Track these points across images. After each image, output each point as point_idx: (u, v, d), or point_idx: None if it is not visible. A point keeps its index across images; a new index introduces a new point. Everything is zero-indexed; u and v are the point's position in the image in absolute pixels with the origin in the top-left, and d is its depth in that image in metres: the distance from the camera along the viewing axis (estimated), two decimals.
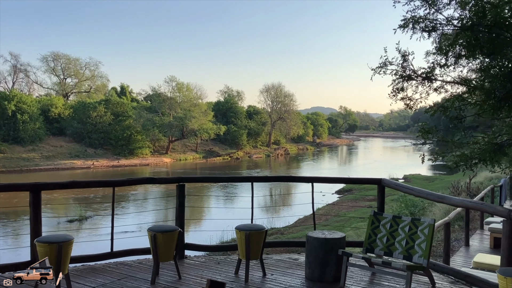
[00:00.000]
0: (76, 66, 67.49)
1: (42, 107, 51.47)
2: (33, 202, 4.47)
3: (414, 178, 40.13)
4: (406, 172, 43.61)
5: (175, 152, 57.36)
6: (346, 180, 6.30)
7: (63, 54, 66.70)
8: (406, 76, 7.35)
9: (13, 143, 45.30)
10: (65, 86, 67.27)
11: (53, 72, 66.94)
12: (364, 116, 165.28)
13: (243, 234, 4.35)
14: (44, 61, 65.74)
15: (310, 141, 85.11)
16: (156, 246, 4.23)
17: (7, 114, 45.66)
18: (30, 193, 4.47)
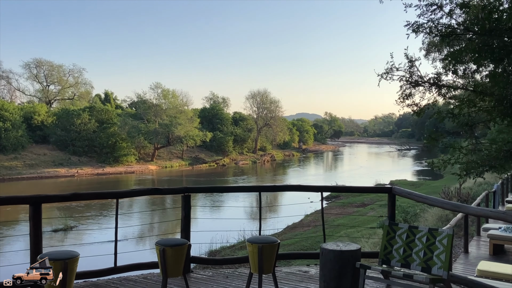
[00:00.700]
0: (60, 73, 66.50)
1: (24, 114, 50.53)
2: (33, 215, 4.25)
3: (400, 184, 40.33)
4: (392, 178, 43.88)
5: (160, 159, 56.86)
6: (356, 189, 6.21)
7: (46, 61, 65.73)
8: (414, 82, 7.29)
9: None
10: (48, 93, 66.21)
11: (36, 79, 65.85)
12: (349, 122, 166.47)
13: (256, 247, 4.20)
14: (26, 68, 64.66)
15: (296, 147, 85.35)
16: (165, 261, 4.04)
17: None
18: (30, 206, 4.25)
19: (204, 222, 22.03)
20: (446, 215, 15.55)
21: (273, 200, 31.06)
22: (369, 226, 20.67)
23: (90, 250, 4.30)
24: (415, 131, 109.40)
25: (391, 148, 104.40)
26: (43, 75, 65.78)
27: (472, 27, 6.13)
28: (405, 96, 7.79)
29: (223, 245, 17.70)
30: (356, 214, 25.18)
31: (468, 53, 6.50)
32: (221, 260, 5.18)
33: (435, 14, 6.58)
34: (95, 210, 25.33)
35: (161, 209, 26.62)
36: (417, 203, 20.40)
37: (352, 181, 41.29)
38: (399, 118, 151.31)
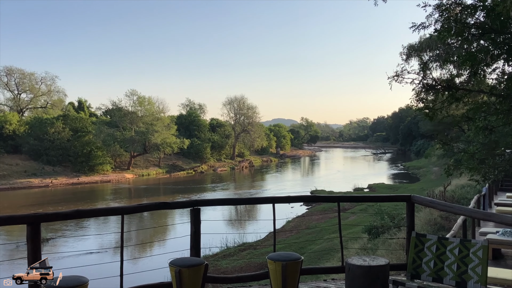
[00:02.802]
0: (31, 80, 64.65)
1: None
2: (31, 236, 3.84)
3: (378, 187, 40.68)
4: (370, 182, 44.20)
5: (137, 167, 55.90)
6: (372, 198, 5.95)
7: (17, 69, 63.79)
8: (427, 85, 7.15)
9: None
10: (19, 102, 64.24)
11: (7, 87, 63.80)
12: (325, 127, 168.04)
13: (279, 265, 3.90)
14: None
15: (273, 152, 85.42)
16: (181, 283, 3.70)
17: None
18: (28, 226, 3.85)
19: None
20: (434, 219, 15.53)
21: (251, 206, 30.71)
22: (352, 231, 20.68)
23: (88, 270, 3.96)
24: (390, 134, 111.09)
25: (367, 152, 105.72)
26: (14, 83, 63.86)
27: (496, 26, 6.02)
28: (418, 100, 7.65)
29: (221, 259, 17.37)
30: (337, 219, 25.05)
31: (488, 54, 6.41)
32: (236, 278, 4.86)
33: (451, 12, 6.45)
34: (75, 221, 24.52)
35: (162, 225, 25.95)
36: (403, 206, 20.48)
37: (330, 185, 41.39)
38: (374, 122, 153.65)
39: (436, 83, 7.16)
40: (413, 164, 62.83)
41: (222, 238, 19.89)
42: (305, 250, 17.97)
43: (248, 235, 21.51)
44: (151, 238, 22.49)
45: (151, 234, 23.39)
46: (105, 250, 19.41)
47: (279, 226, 23.32)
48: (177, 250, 5.46)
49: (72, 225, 24.20)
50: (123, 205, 4.27)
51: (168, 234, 23.11)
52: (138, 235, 22.75)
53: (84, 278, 3.44)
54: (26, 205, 32.78)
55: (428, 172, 50.48)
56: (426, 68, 7.24)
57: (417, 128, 69.83)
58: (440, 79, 7.44)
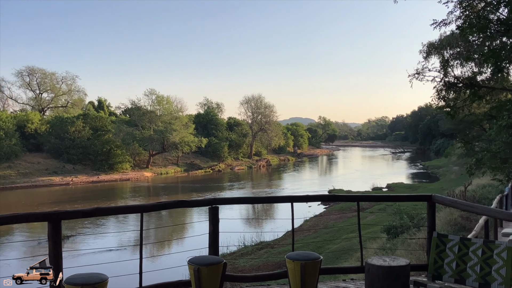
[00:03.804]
0: (52, 80, 65.79)
1: (17, 123, 49.93)
2: (52, 233, 3.89)
3: (397, 187, 40.26)
4: (388, 181, 43.74)
5: (156, 166, 56.41)
6: (393, 197, 5.84)
7: (38, 69, 65.00)
8: (448, 83, 7.02)
9: None
10: (41, 101, 65.45)
11: (29, 87, 65.09)
12: (343, 126, 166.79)
13: (298, 265, 3.87)
14: (19, 76, 63.88)
15: (291, 151, 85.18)
16: (200, 282, 3.70)
17: None
18: (49, 223, 3.90)
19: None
20: (454, 219, 15.27)
21: (269, 205, 30.68)
22: (371, 230, 20.46)
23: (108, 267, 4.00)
24: (409, 133, 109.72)
25: (385, 151, 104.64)
26: (36, 83, 65.09)
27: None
28: (440, 98, 7.52)
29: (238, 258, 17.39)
30: (356, 218, 24.81)
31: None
32: (254, 277, 4.84)
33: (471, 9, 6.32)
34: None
35: (180, 223, 26.12)
36: (422, 206, 20.17)
37: (348, 185, 41.12)
38: (392, 121, 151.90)
39: (457, 81, 7.02)
40: (433, 163, 62.00)
41: (240, 237, 19.91)
42: (322, 250, 17.88)
43: (265, 234, 21.50)
44: (169, 236, 22.64)
45: (169, 232, 23.55)
46: (124, 248, 19.61)
47: (296, 225, 23.23)
48: (195, 249, 5.46)
49: (91, 223, 24.52)
50: (142, 203, 4.29)
51: (186, 233, 23.24)
52: (156, 233, 22.94)
53: (103, 275, 3.47)
54: (47, 202, 33.37)
55: (448, 171, 49.78)
56: (447, 66, 7.10)
57: (436, 127, 68.82)
58: (461, 77, 7.28)
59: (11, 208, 30.49)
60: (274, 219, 26.59)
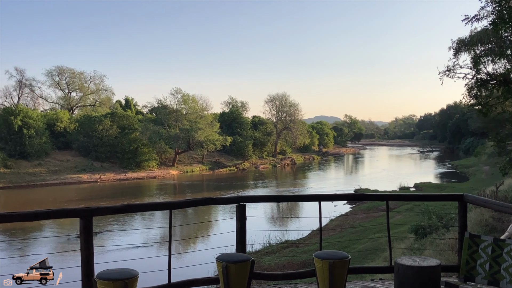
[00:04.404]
0: (81, 80, 67.35)
1: (47, 121, 51.27)
2: (83, 229, 3.98)
3: (425, 187, 39.55)
4: (416, 181, 42.98)
5: (181, 164, 56.98)
6: (422, 197, 5.76)
7: (67, 68, 66.66)
8: (480, 80, 6.85)
9: (19, 158, 44.97)
10: (70, 100, 67.07)
11: (58, 86, 66.79)
12: (369, 125, 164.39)
13: (326, 264, 3.84)
14: (48, 75, 65.65)
15: (316, 150, 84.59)
16: (228, 279, 3.72)
17: (13, 129, 45.46)
18: (81, 219, 3.99)
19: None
20: (485, 220, 14.89)
21: (293, 204, 30.58)
22: (398, 230, 20.15)
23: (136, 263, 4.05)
24: (437, 132, 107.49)
25: (413, 150, 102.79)
26: (65, 82, 66.71)
27: None
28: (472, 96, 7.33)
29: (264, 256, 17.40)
30: (383, 218, 24.48)
31: None
32: (281, 275, 4.84)
33: None
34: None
35: (205, 221, 26.37)
36: (451, 206, 19.72)
37: (375, 184, 40.62)
38: (420, 119, 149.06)
39: (490, 77, 6.83)
40: (462, 162, 60.60)
41: (265, 235, 19.91)
42: (349, 249, 17.71)
43: (290, 233, 21.44)
44: (194, 233, 22.82)
45: (194, 229, 23.73)
46: (150, 245, 19.90)
47: (322, 224, 23.11)
48: (222, 246, 5.49)
49: (115, 220, 24.90)
50: (169, 200, 4.36)
51: (211, 230, 23.38)
52: (182, 230, 23.16)
53: (134, 271, 3.52)
54: (76, 199, 34.13)
55: (478, 171, 48.58)
56: (479, 63, 6.90)
57: (466, 125, 67.24)
58: (494, 74, 7.07)
59: (41, 204, 31.35)
60: (299, 217, 26.51)
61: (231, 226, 4.84)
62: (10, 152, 44.67)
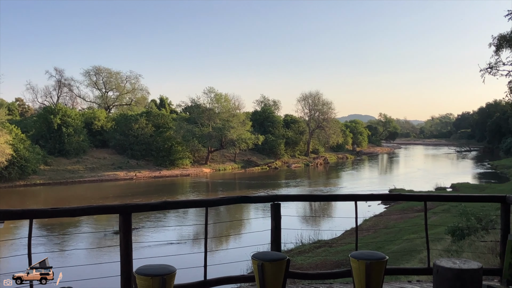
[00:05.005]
0: (117, 79, 68.94)
1: (85, 120, 52.80)
2: (123, 225, 4.08)
3: (462, 187, 38.45)
4: (453, 181, 41.85)
5: (214, 162, 57.47)
6: (463, 197, 5.61)
7: (104, 68, 68.38)
8: None
9: (58, 156, 46.49)
10: (107, 99, 68.80)
11: (95, 86, 68.63)
12: (404, 123, 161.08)
13: (363, 264, 3.80)
14: (86, 75, 67.57)
15: (349, 149, 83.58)
16: (263, 277, 3.73)
17: (53, 128, 47.06)
18: (120, 216, 4.09)
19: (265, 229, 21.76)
20: None
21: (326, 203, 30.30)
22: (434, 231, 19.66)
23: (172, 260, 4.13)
24: (476, 131, 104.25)
25: (450, 149, 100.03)
26: (102, 82, 68.45)
27: None
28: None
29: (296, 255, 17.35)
30: (418, 218, 24.02)
31: None
32: (316, 274, 4.82)
33: None
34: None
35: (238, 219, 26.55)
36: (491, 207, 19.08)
37: (410, 184, 39.82)
38: (458, 118, 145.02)
39: None
40: (502, 162, 58.50)
41: (297, 235, 19.84)
42: (383, 250, 17.44)
43: (323, 233, 21.27)
44: (226, 231, 22.97)
45: (226, 227, 23.88)
46: (184, 241, 20.17)
47: (350, 226, 22.84)
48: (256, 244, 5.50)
49: (147, 217, 25.32)
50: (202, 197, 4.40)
51: (243, 228, 23.47)
52: (214, 227, 23.38)
53: (172, 267, 3.58)
54: (112, 196, 34.95)
55: None
56: None
57: (507, 124, 64.94)
58: None
59: (79, 200, 32.33)
60: (331, 217, 26.28)
61: (263, 225, 4.86)
62: (50, 149, 46.28)
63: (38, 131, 48.03)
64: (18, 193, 36.70)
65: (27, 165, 39.52)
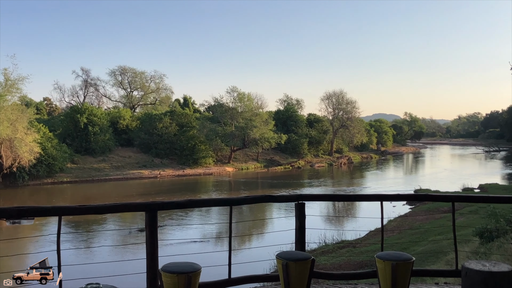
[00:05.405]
0: (142, 79, 69.90)
1: (111, 119, 53.74)
2: (149, 223, 4.14)
3: (491, 188, 37.54)
4: (481, 181, 40.90)
5: (236, 161, 57.66)
6: (492, 199, 5.46)
7: (129, 68, 69.42)
8: None
9: (85, 154, 47.43)
10: (132, 99, 69.84)
11: (121, 86, 69.76)
12: (430, 123, 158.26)
13: (389, 265, 3.74)
14: (112, 75, 68.76)
15: (374, 149, 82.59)
16: (288, 276, 3.72)
17: (79, 127, 48.05)
18: (146, 213, 4.15)
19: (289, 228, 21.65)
20: None
21: (350, 203, 30.02)
22: (461, 233, 19.25)
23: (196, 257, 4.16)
24: (505, 131, 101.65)
25: (478, 149, 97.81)
26: (127, 82, 69.52)
27: None
28: None
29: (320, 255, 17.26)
30: (445, 220, 23.57)
31: None
32: (341, 275, 4.78)
33: None
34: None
35: (262, 218, 26.61)
36: None
37: (436, 184, 39.11)
38: (486, 117, 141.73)
39: None
40: None
41: (320, 234, 19.70)
42: (408, 251, 17.16)
43: (346, 233, 21.08)
44: (249, 230, 22.99)
45: (249, 226, 23.91)
46: (207, 240, 20.30)
47: (379, 225, 22.56)
48: (279, 244, 5.49)
49: (169, 215, 25.53)
50: (226, 196, 4.42)
51: (265, 227, 23.45)
52: (237, 226, 23.44)
53: (197, 265, 3.61)
54: (137, 194, 35.44)
55: None
56: None
57: None
58: None
59: (105, 198, 32.89)
60: (355, 217, 26.02)
61: (285, 224, 4.85)
62: (76, 148, 47.28)
63: (65, 130, 49.13)
64: (46, 191, 37.63)
65: (54, 163, 40.42)
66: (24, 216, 3.78)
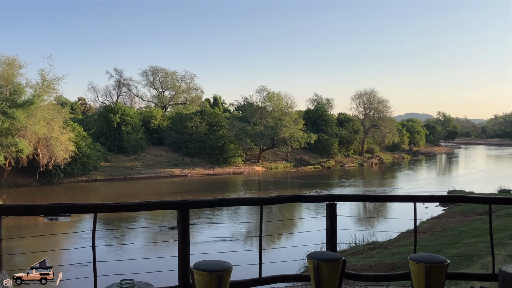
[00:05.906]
0: (173, 79, 70.88)
1: (143, 118, 54.75)
2: (181, 220, 4.20)
3: None
4: None
5: (266, 161, 57.66)
6: None
7: (161, 68, 70.51)
8: None
9: (118, 153, 48.50)
10: (163, 99, 70.90)
11: (152, 86, 70.95)
12: (465, 122, 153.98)
13: (422, 267, 3.68)
14: (144, 75, 70.04)
15: (406, 149, 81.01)
16: (319, 277, 3.70)
17: (113, 126, 49.16)
18: (178, 211, 4.21)
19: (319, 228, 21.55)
20: None
21: (380, 204, 29.58)
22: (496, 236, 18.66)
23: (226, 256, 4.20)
24: None
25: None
26: (159, 82, 70.64)
27: None
28: None
29: None
30: (480, 222, 22.92)
31: None
32: (373, 276, 4.73)
33: None
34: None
35: (291, 218, 26.61)
36: None
37: (470, 186, 38.07)
38: None
39: None
40: None
41: (351, 235, 19.50)
42: (441, 253, 16.75)
43: (377, 234, 20.79)
44: (278, 230, 22.96)
45: (278, 225, 23.88)
46: (237, 239, 20.41)
47: (411, 226, 22.12)
48: (309, 244, 5.47)
49: (196, 214, 25.76)
50: (256, 195, 4.45)
51: (295, 227, 23.36)
52: (266, 226, 23.44)
53: (228, 263, 3.64)
54: (168, 192, 35.97)
55: None
56: None
57: None
58: None
59: (137, 196, 33.53)
60: (386, 218, 25.62)
61: (315, 225, 4.84)
62: (109, 147, 48.40)
63: (99, 129, 50.39)
64: (80, 188, 38.68)
65: (88, 161, 41.47)
66: (61, 213, 3.89)
